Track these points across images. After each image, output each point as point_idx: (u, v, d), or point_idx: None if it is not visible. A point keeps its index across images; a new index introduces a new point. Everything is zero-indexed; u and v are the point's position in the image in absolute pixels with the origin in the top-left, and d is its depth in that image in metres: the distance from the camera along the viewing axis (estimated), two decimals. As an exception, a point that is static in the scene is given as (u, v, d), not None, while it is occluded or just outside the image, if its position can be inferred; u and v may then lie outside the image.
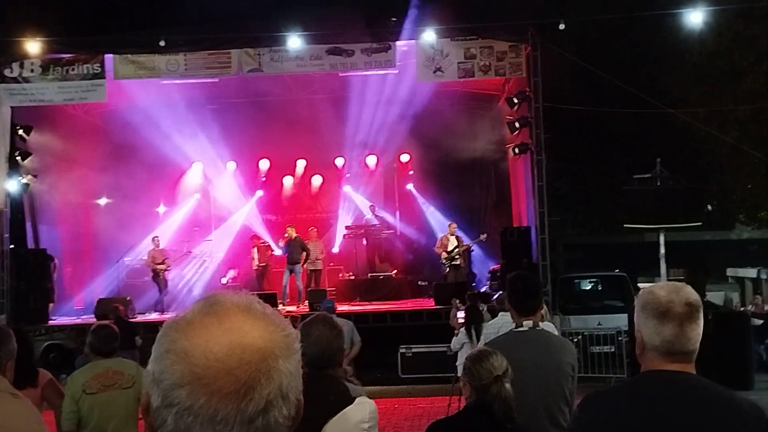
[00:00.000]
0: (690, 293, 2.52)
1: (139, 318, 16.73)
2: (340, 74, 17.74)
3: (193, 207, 21.01)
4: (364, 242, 20.39)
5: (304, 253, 18.45)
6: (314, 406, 3.16)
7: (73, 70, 16.77)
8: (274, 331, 1.17)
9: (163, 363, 1.13)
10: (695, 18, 15.89)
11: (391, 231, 20.60)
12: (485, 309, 11.49)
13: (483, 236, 18.12)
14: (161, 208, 20.93)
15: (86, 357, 5.91)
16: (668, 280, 16.69)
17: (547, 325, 8.37)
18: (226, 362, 1.11)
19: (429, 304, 17.25)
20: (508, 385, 3.53)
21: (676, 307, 2.47)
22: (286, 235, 18.62)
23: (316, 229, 19.75)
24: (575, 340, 14.59)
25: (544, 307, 9.10)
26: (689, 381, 2.49)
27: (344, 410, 3.30)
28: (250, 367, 1.11)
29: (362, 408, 3.38)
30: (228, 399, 1.10)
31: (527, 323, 4.46)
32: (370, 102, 18.97)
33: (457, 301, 12.09)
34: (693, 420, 2.37)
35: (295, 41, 16.37)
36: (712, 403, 2.44)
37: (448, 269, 18.14)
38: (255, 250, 19.77)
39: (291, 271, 18.44)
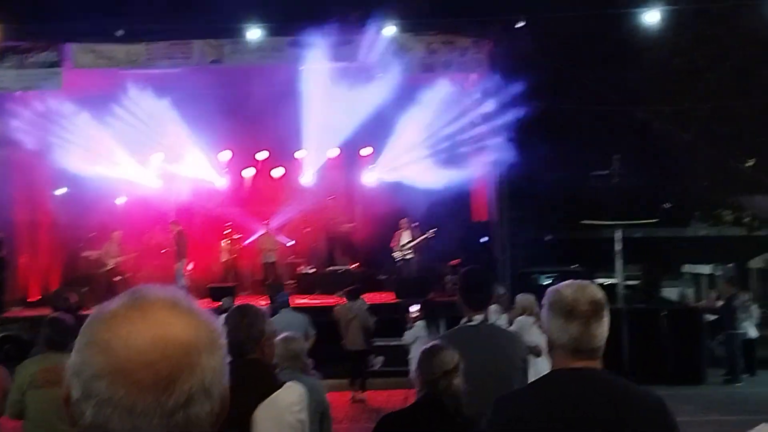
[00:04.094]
0: (595, 292, 2.57)
1: (94, 310, 16.54)
2: (303, 67, 17.68)
3: (153, 198, 20.76)
4: (324, 235, 20.38)
5: None
6: (243, 392, 3.18)
7: (30, 58, 16.57)
8: (198, 326, 1.16)
9: (85, 354, 1.12)
10: (654, 17, 16.06)
11: (351, 224, 20.61)
12: None
13: (430, 232, 18.18)
14: (120, 199, 20.69)
15: (39, 350, 5.80)
16: (625, 276, 16.94)
17: (525, 320, 8.46)
18: (147, 355, 1.10)
19: (389, 297, 17.30)
20: (457, 380, 3.57)
21: (581, 305, 2.52)
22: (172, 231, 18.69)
23: (269, 222, 19.73)
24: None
25: (533, 300, 9.18)
26: (595, 377, 2.54)
27: (274, 394, 3.33)
28: (172, 361, 1.11)
29: (292, 392, 3.41)
30: (148, 392, 1.09)
31: (477, 317, 4.50)
32: (332, 95, 18.92)
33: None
34: (599, 414, 2.43)
35: (257, 33, 16.29)
36: (616, 397, 2.50)
37: (400, 263, 18.31)
38: (225, 242, 19.72)
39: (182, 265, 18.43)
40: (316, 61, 17.07)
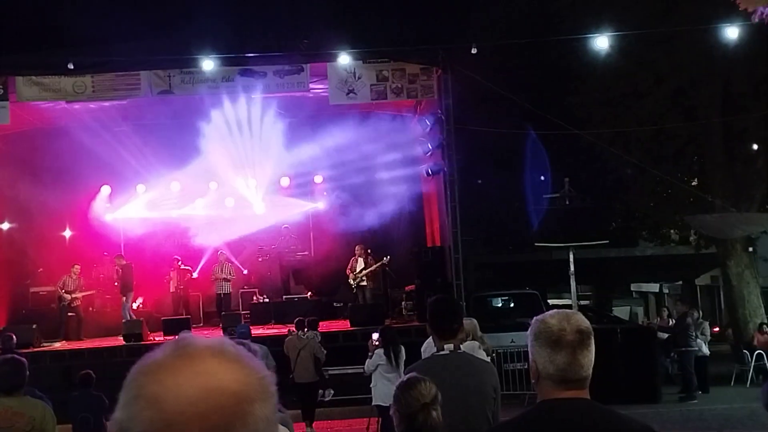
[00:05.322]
0: (581, 320, 2.57)
1: (45, 347, 16.21)
2: (252, 96, 17.68)
3: (102, 231, 20.42)
4: (278, 264, 20.23)
5: None
6: None
7: (-26, 94, 16.26)
8: (249, 374, 1.12)
9: (132, 409, 1.07)
10: (601, 43, 16.38)
11: (305, 252, 20.51)
12: None
13: (386, 258, 18.20)
14: (67, 232, 20.33)
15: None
16: (577, 296, 17.14)
17: (471, 344, 8.48)
18: (199, 407, 1.05)
19: (345, 325, 17.22)
20: (435, 413, 3.53)
21: (568, 335, 2.51)
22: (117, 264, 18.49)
23: (224, 252, 19.54)
24: (488, 357, 14.79)
25: (476, 324, 9.25)
26: (585, 407, 2.54)
27: None
28: (225, 411, 1.06)
29: None
30: None
31: (448, 347, 4.50)
32: (284, 123, 18.93)
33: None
34: None
35: (207, 63, 16.21)
36: (607, 427, 2.50)
37: (355, 290, 18.28)
38: (173, 273, 19.43)
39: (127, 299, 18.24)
40: (267, 91, 17.08)
